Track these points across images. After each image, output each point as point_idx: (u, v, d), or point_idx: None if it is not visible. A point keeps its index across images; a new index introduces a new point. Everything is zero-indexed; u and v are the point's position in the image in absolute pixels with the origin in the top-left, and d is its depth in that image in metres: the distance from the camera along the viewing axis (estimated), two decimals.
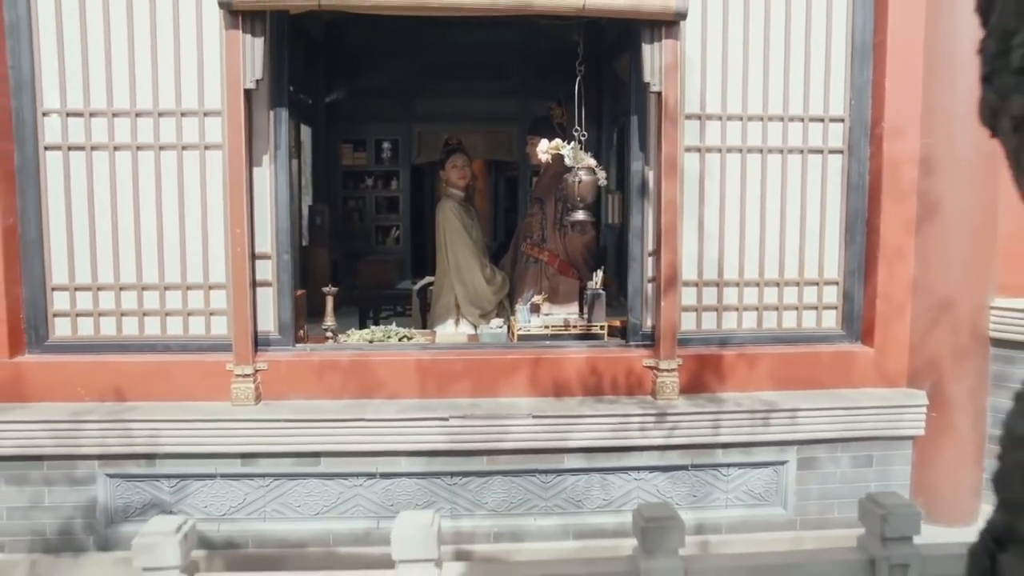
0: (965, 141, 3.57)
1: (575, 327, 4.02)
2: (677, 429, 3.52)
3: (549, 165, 4.21)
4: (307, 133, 7.38)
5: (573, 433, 3.49)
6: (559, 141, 3.97)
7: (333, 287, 4.07)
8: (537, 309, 4.12)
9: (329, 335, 3.95)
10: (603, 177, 3.89)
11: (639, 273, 3.78)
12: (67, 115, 3.53)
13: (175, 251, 3.61)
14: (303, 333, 3.90)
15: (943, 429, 3.72)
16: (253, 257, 3.54)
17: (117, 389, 3.52)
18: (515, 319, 4.16)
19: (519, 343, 3.94)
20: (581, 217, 3.83)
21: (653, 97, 3.60)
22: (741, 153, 3.80)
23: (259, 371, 3.54)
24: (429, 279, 5.27)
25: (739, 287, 3.86)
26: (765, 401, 3.64)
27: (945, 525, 3.68)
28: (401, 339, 4.06)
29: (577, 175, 3.75)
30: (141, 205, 3.58)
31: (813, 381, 3.79)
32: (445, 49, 6.89)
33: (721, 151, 3.78)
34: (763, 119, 3.79)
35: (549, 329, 4.01)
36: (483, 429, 3.46)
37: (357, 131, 8.01)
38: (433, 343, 4.07)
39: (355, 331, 4.18)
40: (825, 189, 3.86)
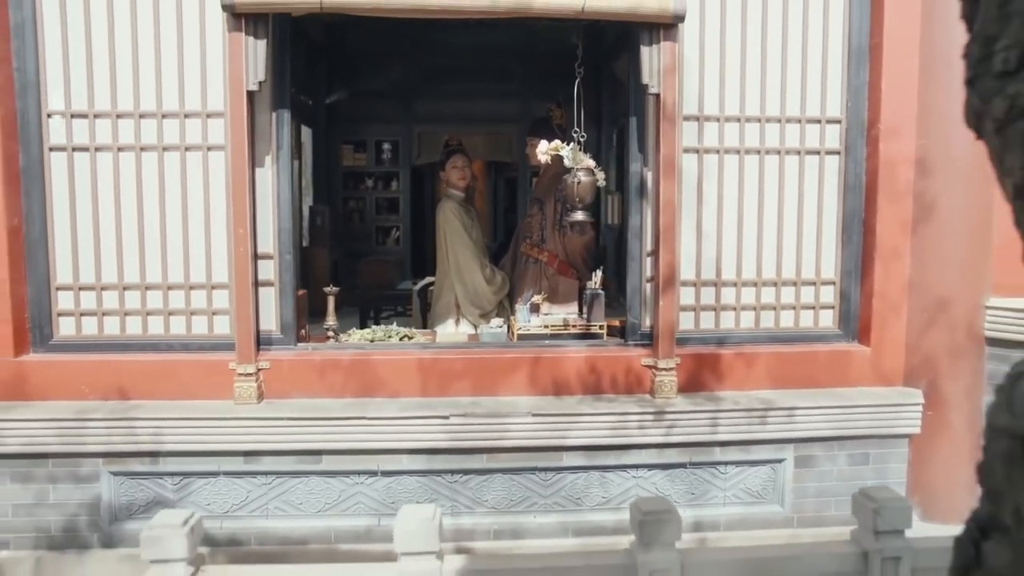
0: (961, 142, 3.60)
1: (574, 327, 4.06)
2: (675, 427, 3.56)
3: (548, 166, 4.24)
4: (308, 134, 7.41)
5: (572, 431, 3.53)
6: (558, 142, 4.00)
7: (334, 287, 4.11)
8: (537, 309, 4.16)
9: (330, 335, 3.98)
10: (602, 178, 3.92)
11: (638, 273, 3.81)
12: (71, 116, 3.56)
13: (178, 251, 3.65)
14: (305, 332, 3.93)
15: (939, 427, 3.75)
16: (255, 257, 3.58)
17: (121, 388, 3.55)
18: (515, 319, 4.20)
19: (519, 342, 3.97)
20: (580, 218, 3.87)
21: (651, 99, 3.63)
22: (739, 154, 3.83)
23: (261, 370, 3.57)
24: (429, 279, 5.30)
25: (737, 287, 3.90)
26: (763, 400, 3.68)
27: (941, 522, 3.71)
28: (402, 338, 4.09)
29: (576, 176, 3.78)
30: (144, 205, 3.62)
31: (810, 380, 3.83)
32: (445, 51, 6.92)
33: (719, 152, 3.82)
34: (760, 120, 3.83)
35: (549, 329, 4.04)
36: (483, 427, 3.49)
37: (357, 132, 8.04)
38: (434, 342, 4.10)
39: (356, 331, 4.21)
40: (822, 190, 3.90)
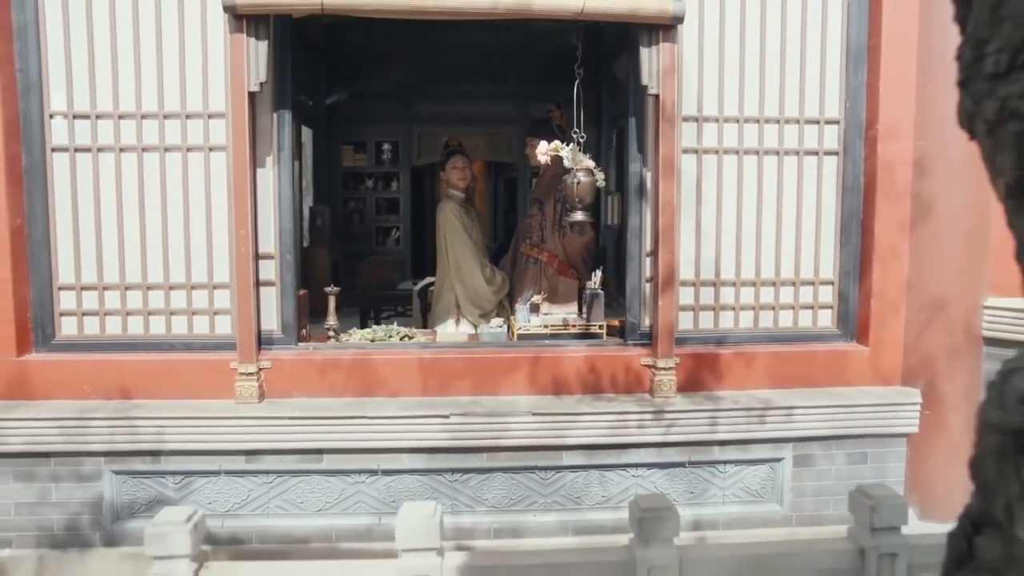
0: (958, 143, 3.59)
1: (574, 326, 4.07)
2: (674, 426, 3.58)
3: (548, 167, 4.26)
4: (308, 135, 7.42)
5: (572, 430, 3.54)
6: (558, 143, 4.02)
7: (335, 287, 4.12)
8: (536, 309, 4.17)
9: (331, 334, 4.00)
10: (601, 178, 3.94)
11: (637, 273, 3.83)
12: (74, 117, 3.58)
13: (180, 251, 3.67)
14: (306, 332, 3.95)
15: (937, 427, 3.77)
16: (257, 257, 3.60)
17: (123, 387, 3.57)
18: (515, 319, 4.21)
19: (519, 342, 3.99)
20: (580, 218, 3.89)
21: (651, 99, 3.65)
22: (738, 155, 3.85)
23: (263, 369, 3.59)
24: (430, 279, 5.32)
25: (736, 287, 3.92)
26: (761, 399, 3.69)
27: (939, 521, 3.73)
28: (402, 338, 4.11)
29: (576, 176, 3.80)
30: (146, 206, 3.64)
31: (809, 379, 3.84)
32: (445, 52, 6.94)
33: (718, 152, 3.84)
34: (759, 121, 3.85)
35: (548, 328, 4.05)
36: (483, 426, 3.51)
37: (358, 133, 8.06)
38: (434, 342, 4.12)
39: (357, 330, 4.23)
40: (820, 190, 3.92)
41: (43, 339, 3.65)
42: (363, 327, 4.65)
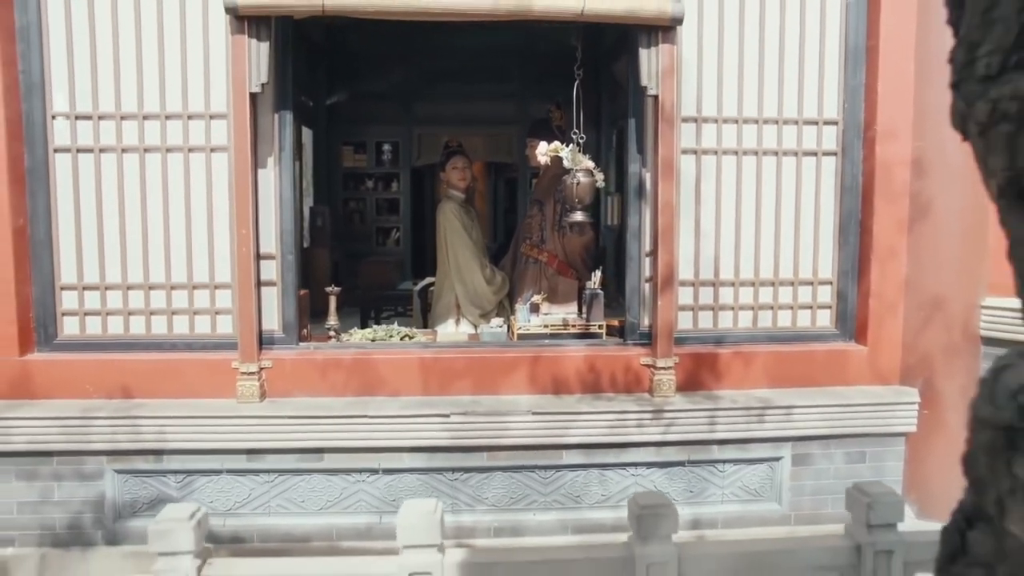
0: (956, 144, 3.57)
1: (574, 326, 4.09)
2: (674, 426, 3.59)
3: (548, 167, 4.27)
4: (308, 135, 7.44)
5: (572, 429, 3.56)
6: (558, 144, 4.04)
7: (336, 287, 4.14)
8: (536, 309, 4.19)
9: (332, 334, 4.01)
10: (601, 179, 3.96)
11: (636, 273, 3.85)
12: (76, 118, 3.60)
13: (181, 251, 3.69)
14: (307, 332, 3.97)
15: (935, 426, 3.78)
16: (258, 257, 3.62)
17: (124, 386, 3.59)
18: (515, 318, 4.23)
19: (519, 342, 4.00)
20: (579, 218, 3.91)
21: (650, 100, 3.67)
22: (736, 155, 3.87)
23: (264, 369, 3.61)
24: (430, 280, 5.33)
25: (735, 287, 3.93)
26: (760, 398, 3.71)
27: (938, 520, 3.73)
28: (403, 338, 4.12)
29: (575, 177, 3.82)
30: (148, 206, 3.66)
31: (808, 379, 3.86)
32: (445, 52, 6.95)
33: (717, 153, 3.86)
34: (758, 122, 3.86)
35: (548, 328, 4.07)
36: (484, 426, 3.53)
37: (358, 133, 8.07)
38: (434, 342, 4.13)
39: (357, 330, 4.25)
40: (819, 190, 3.94)
41: (45, 339, 3.66)
42: (363, 327, 4.66)
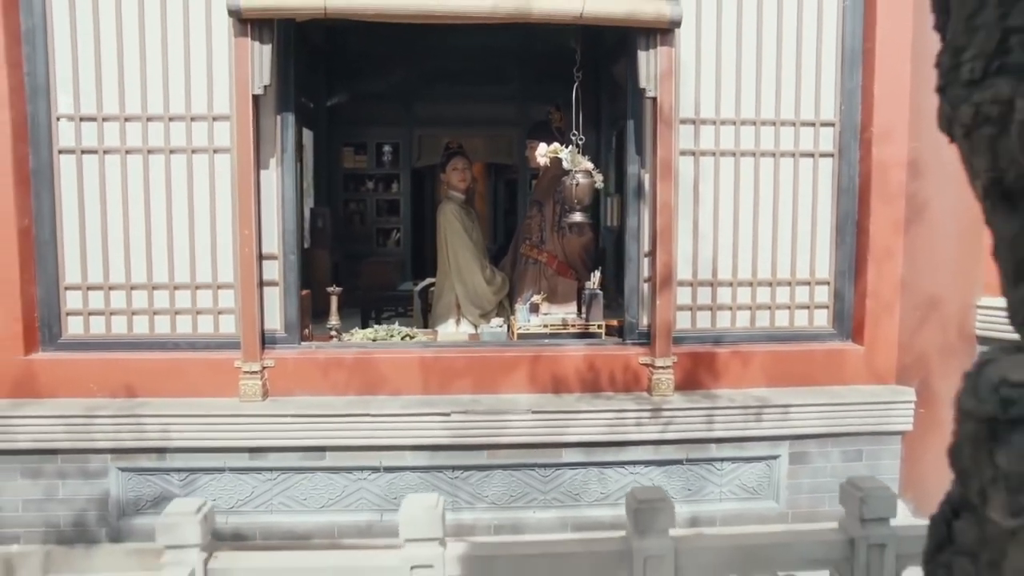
0: (951, 146, 3.67)
1: (573, 326, 4.12)
2: (672, 424, 3.63)
3: (548, 168, 4.31)
4: (309, 136, 7.47)
5: (571, 428, 3.59)
6: (557, 145, 4.08)
7: (337, 287, 4.17)
8: (536, 309, 4.22)
9: (334, 334, 4.05)
10: (600, 180, 4.00)
11: (635, 273, 3.88)
12: (80, 120, 3.64)
13: (184, 252, 3.72)
14: (308, 332, 4.00)
15: (931, 425, 3.81)
16: (260, 257, 3.65)
17: (128, 385, 3.62)
18: (515, 318, 4.27)
19: (519, 342, 4.04)
20: (578, 219, 3.95)
21: (649, 102, 3.70)
22: (734, 156, 3.90)
23: (266, 368, 3.64)
24: (430, 280, 5.37)
25: (733, 287, 3.97)
26: (758, 397, 3.75)
27: None
28: (404, 338, 4.16)
29: (575, 178, 3.86)
30: (152, 207, 3.69)
31: (805, 378, 3.90)
32: (445, 54, 6.98)
33: (715, 155, 3.89)
34: (756, 123, 3.90)
35: (548, 328, 4.11)
36: (484, 424, 3.56)
37: (358, 134, 8.10)
38: (435, 342, 4.17)
39: (359, 330, 4.28)
40: (816, 191, 3.97)
41: (50, 338, 3.70)
42: (364, 327, 4.70)
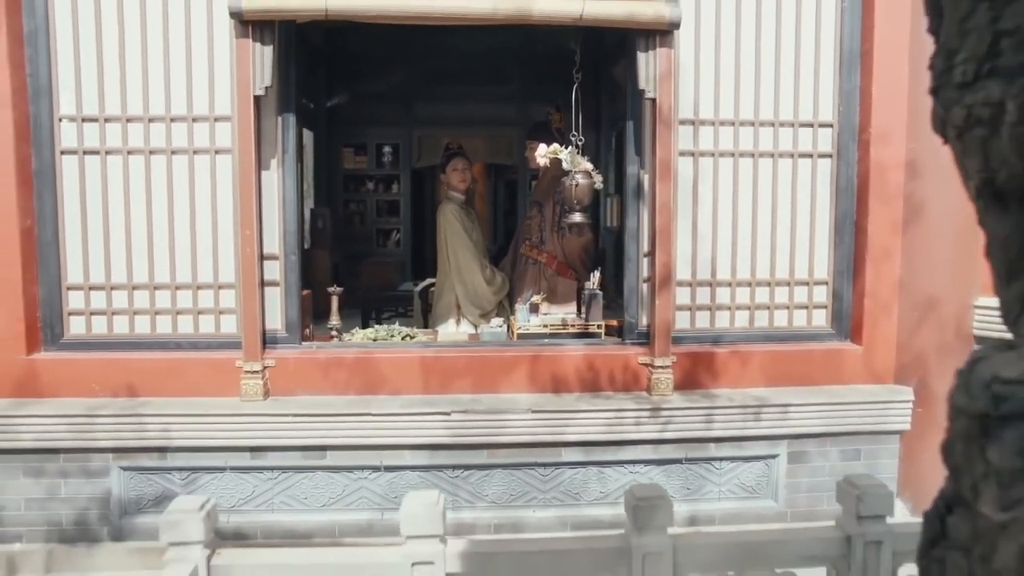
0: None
1: (573, 326, 4.14)
2: (671, 424, 3.64)
3: (547, 169, 4.33)
4: (309, 137, 7.48)
5: (571, 427, 3.61)
6: (557, 146, 4.09)
7: (338, 287, 4.19)
8: (536, 309, 4.24)
9: (334, 334, 4.06)
10: (599, 181, 4.02)
11: (635, 273, 3.90)
12: (83, 121, 3.65)
13: (186, 252, 3.74)
14: (309, 332, 4.02)
15: (929, 424, 3.83)
16: (261, 258, 3.67)
17: (130, 385, 3.64)
18: (515, 318, 4.28)
19: (519, 341, 4.06)
20: (578, 219, 3.97)
21: (648, 103, 3.72)
22: (733, 157, 3.92)
23: (267, 368, 3.66)
24: (430, 281, 5.38)
25: (731, 287, 3.99)
26: (756, 397, 3.76)
27: None
28: (404, 338, 4.17)
29: (574, 179, 3.88)
30: (153, 207, 3.71)
31: (803, 378, 3.91)
32: (445, 54, 6.99)
33: (714, 155, 3.91)
34: (754, 124, 3.92)
35: (548, 328, 4.12)
36: (484, 424, 3.58)
37: (358, 135, 8.12)
38: (435, 341, 4.18)
39: (359, 330, 4.30)
40: (815, 192, 3.99)
41: (52, 338, 3.71)
42: (365, 327, 4.72)
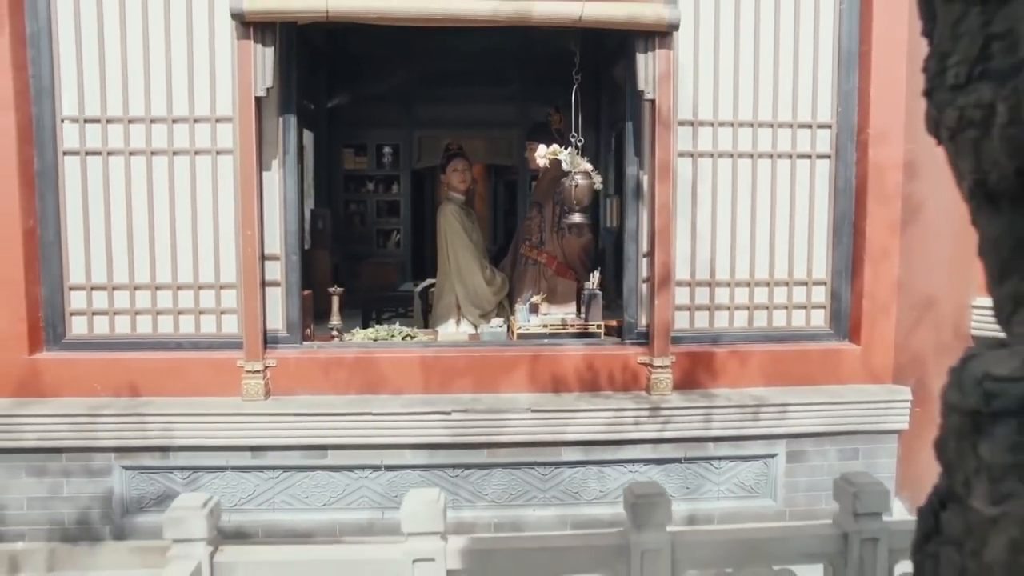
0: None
1: (573, 326, 4.16)
2: (670, 423, 3.66)
3: (547, 170, 4.35)
4: (309, 138, 7.49)
5: (570, 427, 3.63)
6: (557, 146, 4.11)
7: (338, 287, 4.21)
8: (536, 309, 4.26)
9: (335, 334, 4.08)
10: (599, 181, 4.04)
11: (634, 273, 3.92)
12: (85, 122, 3.67)
13: (188, 252, 3.75)
14: (310, 332, 4.03)
15: (927, 424, 3.85)
16: (263, 258, 3.69)
17: (132, 385, 3.65)
18: (515, 319, 4.30)
19: (519, 341, 4.07)
20: (577, 220, 3.98)
21: (647, 104, 3.74)
22: (732, 158, 3.94)
23: (268, 367, 3.67)
24: (430, 281, 5.40)
25: (730, 287, 4.00)
26: (755, 396, 3.78)
27: None
28: (404, 338, 4.19)
29: (574, 179, 3.90)
30: (155, 208, 3.72)
31: (802, 377, 3.93)
32: (445, 55, 7.00)
33: (713, 156, 3.93)
34: (753, 125, 3.94)
35: (547, 328, 4.14)
36: (484, 423, 3.59)
37: (359, 136, 8.13)
38: (435, 341, 4.20)
39: (360, 330, 4.31)
40: (813, 193, 4.01)
41: (54, 338, 3.73)
42: (365, 327, 4.73)
